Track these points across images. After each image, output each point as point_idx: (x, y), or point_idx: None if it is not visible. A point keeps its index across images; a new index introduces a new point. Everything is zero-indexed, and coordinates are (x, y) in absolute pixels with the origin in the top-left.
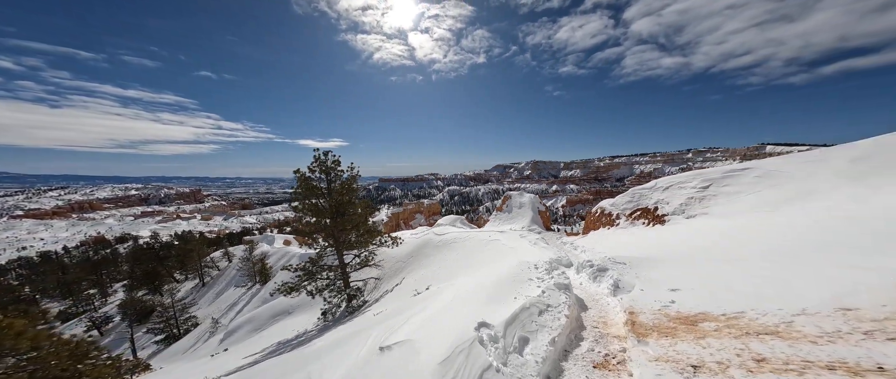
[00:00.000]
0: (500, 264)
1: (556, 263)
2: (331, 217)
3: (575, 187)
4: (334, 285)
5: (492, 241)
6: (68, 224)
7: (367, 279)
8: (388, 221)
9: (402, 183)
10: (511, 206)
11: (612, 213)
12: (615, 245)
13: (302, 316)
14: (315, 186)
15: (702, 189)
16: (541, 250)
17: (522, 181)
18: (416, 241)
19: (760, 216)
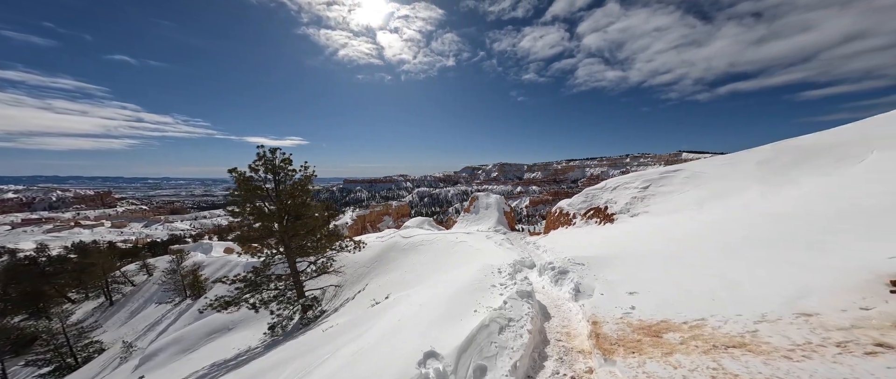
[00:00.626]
0: (464, 269)
1: (520, 265)
2: (279, 221)
3: (537, 189)
4: (284, 296)
5: (459, 243)
6: None
7: (327, 287)
8: (354, 224)
9: (370, 184)
10: (478, 207)
11: (569, 212)
12: (573, 244)
13: (246, 331)
14: (257, 187)
15: (643, 189)
16: (505, 251)
17: (490, 182)
18: (381, 244)
19: (691, 214)
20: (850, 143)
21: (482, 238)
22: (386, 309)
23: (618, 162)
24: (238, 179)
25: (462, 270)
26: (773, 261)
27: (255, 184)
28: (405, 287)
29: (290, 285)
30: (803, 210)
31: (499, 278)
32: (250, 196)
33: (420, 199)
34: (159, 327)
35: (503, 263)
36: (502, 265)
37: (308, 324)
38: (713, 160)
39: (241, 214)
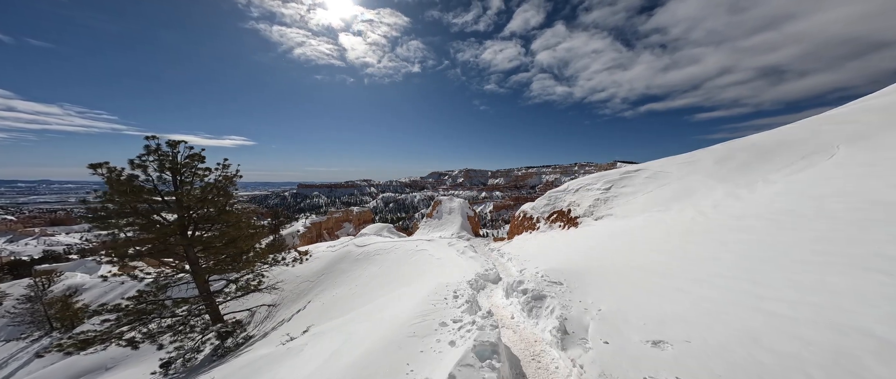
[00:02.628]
0: (416, 286)
1: (483, 280)
2: (181, 233)
3: (500, 194)
4: (187, 324)
5: (418, 251)
6: None
7: (256, 307)
8: (306, 232)
9: (329, 189)
10: (441, 212)
11: (533, 216)
12: (540, 252)
13: (131, 369)
14: (142, 189)
15: (605, 190)
16: (467, 261)
17: (456, 188)
18: (332, 255)
19: (659, 215)
20: (802, 140)
21: (444, 245)
22: (290, 355)
23: (568, 169)
24: (110, 180)
25: (413, 289)
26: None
27: (137, 185)
28: (346, 308)
29: (197, 310)
30: (812, 209)
31: (453, 309)
32: (130, 201)
33: (385, 204)
34: (4, 371)
35: (462, 282)
36: (461, 285)
37: (225, 354)
38: (674, 159)
39: (113, 226)
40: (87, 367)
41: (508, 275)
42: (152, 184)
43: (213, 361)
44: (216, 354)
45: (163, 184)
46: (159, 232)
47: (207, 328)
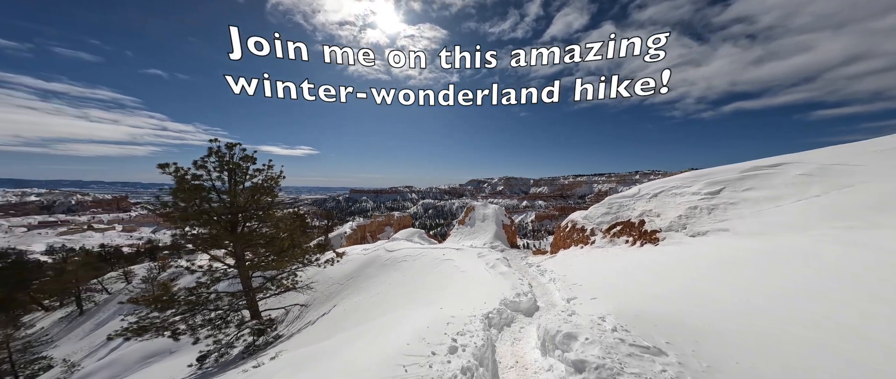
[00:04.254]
0: (416, 316)
1: (511, 309)
2: (232, 229)
3: (543, 203)
4: (224, 319)
5: (444, 260)
6: None
7: (290, 306)
8: (353, 234)
9: (375, 194)
10: (474, 219)
11: (586, 227)
12: (594, 273)
13: (187, 356)
14: (199, 186)
15: (711, 195)
16: (496, 278)
17: (495, 196)
18: (362, 258)
19: (843, 236)
20: None
21: (472, 256)
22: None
23: (626, 178)
24: (177, 179)
25: (414, 317)
26: None
27: (195, 183)
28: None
29: (237, 305)
30: None
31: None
32: (191, 197)
33: (425, 210)
34: (112, 343)
35: (475, 315)
36: (471, 321)
37: (255, 352)
38: (862, 145)
39: (181, 220)
40: (156, 350)
41: (550, 304)
42: (211, 183)
43: (243, 358)
44: (247, 351)
45: (220, 182)
46: (215, 227)
47: (242, 324)
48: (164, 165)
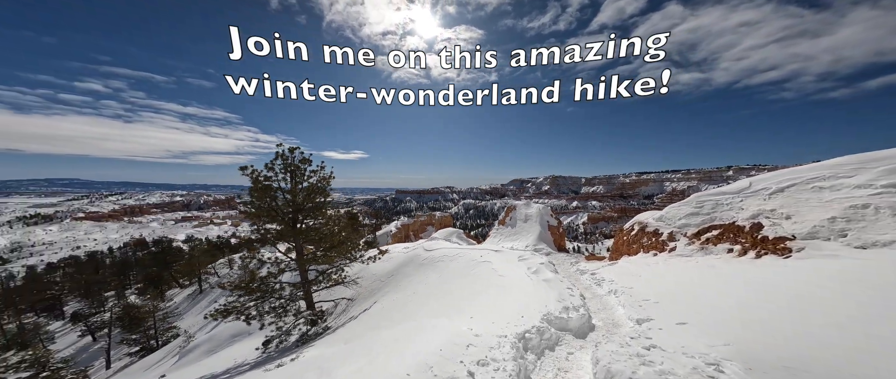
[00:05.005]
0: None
1: (556, 328)
2: (293, 224)
3: (598, 204)
4: (285, 308)
5: (481, 263)
6: (119, 226)
7: (339, 300)
8: (397, 232)
9: (418, 195)
10: (515, 219)
11: (661, 231)
12: (680, 291)
13: (256, 340)
14: (268, 186)
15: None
16: (538, 286)
17: (540, 196)
18: (403, 256)
19: None
20: None
21: (513, 259)
22: None
23: (714, 175)
24: (252, 178)
25: (429, 335)
26: None
27: (265, 184)
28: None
29: (295, 296)
30: None
31: None
32: (263, 195)
33: (466, 210)
34: (214, 322)
35: (505, 338)
36: (499, 347)
37: (307, 342)
38: None
39: (256, 216)
40: (241, 330)
41: (611, 324)
42: (277, 183)
43: (297, 345)
44: (301, 339)
45: (285, 183)
46: (281, 222)
47: (299, 314)
48: (243, 168)
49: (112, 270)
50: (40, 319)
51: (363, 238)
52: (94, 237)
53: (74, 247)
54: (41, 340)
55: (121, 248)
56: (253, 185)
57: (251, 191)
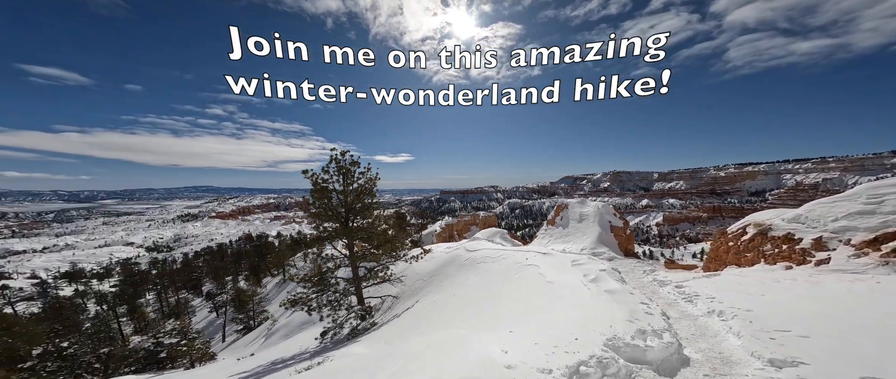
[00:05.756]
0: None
1: (628, 358)
2: (346, 223)
3: (677, 202)
4: (339, 302)
5: (526, 266)
6: (236, 223)
7: (385, 297)
8: (441, 232)
9: (462, 195)
10: (567, 218)
11: (798, 235)
12: (851, 330)
13: (317, 330)
14: (325, 188)
15: None
16: (598, 298)
17: (598, 194)
18: (444, 256)
19: None
20: None
21: (565, 264)
22: None
23: (867, 163)
24: (312, 181)
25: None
26: None
27: (325, 185)
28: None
29: (347, 291)
30: None
31: None
32: (321, 196)
33: (511, 210)
34: (287, 309)
35: (552, 366)
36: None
37: (356, 335)
38: None
39: (316, 216)
40: (309, 319)
41: (719, 360)
42: (332, 185)
43: (349, 338)
44: (352, 333)
45: (338, 185)
46: (335, 221)
47: (350, 308)
48: (304, 172)
49: (231, 259)
50: (188, 295)
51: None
52: (222, 232)
53: (210, 239)
54: (187, 313)
55: (237, 241)
56: (313, 187)
57: (311, 192)
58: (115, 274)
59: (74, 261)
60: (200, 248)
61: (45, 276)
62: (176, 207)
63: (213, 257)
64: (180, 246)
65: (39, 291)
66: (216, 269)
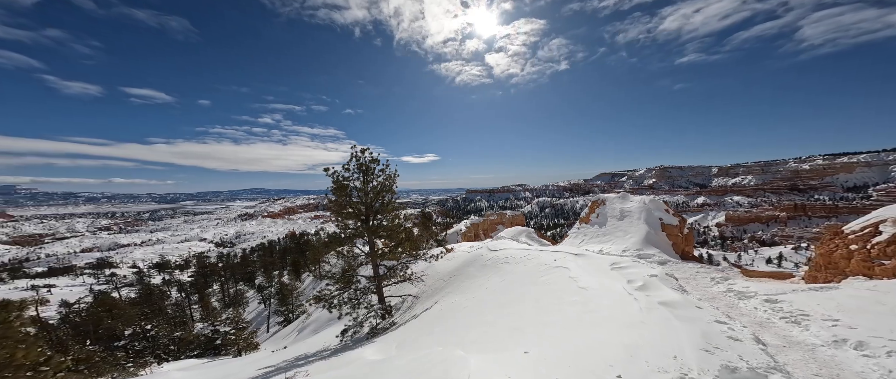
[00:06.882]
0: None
1: None
2: (366, 221)
3: (744, 200)
4: (360, 300)
5: (555, 269)
6: (283, 222)
7: (405, 296)
8: (467, 231)
9: (488, 194)
10: (604, 215)
11: None
12: None
13: (339, 327)
14: (346, 185)
15: None
16: (648, 311)
17: (641, 191)
18: (466, 256)
19: None
20: None
21: (602, 266)
22: None
23: None
24: (333, 178)
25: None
26: None
27: (343, 182)
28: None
29: (368, 289)
30: None
31: None
32: (341, 194)
33: (540, 209)
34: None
35: None
36: None
37: (375, 335)
38: None
39: (337, 212)
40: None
41: None
42: (353, 183)
43: (368, 337)
44: (371, 331)
45: (359, 182)
46: (356, 219)
47: (370, 307)
48: (326, 169)
49: (278, 255)
50: (244, 286)
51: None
52: (272, 230)
53: (263, 236)
54: (242, 303)
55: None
56: (334, 184)
57: (333, 190)
58: (192, 265)
59: (163, 253)
60: (255, 244)
61: (141, 265)
62: (237, 207)
63: (265, 253)
64: (240, 242)
65: (137, 278)
66: (266, 264)
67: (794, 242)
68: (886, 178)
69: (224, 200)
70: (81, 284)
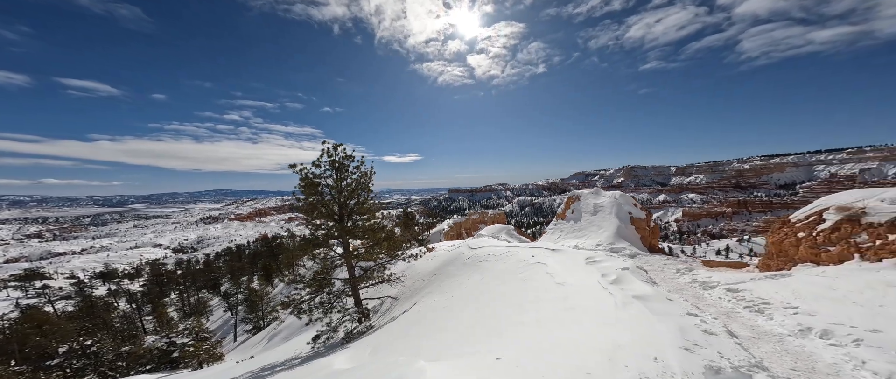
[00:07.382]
0: None
1: None
2: (340, 221)
3: (697, 197)
4: (333, 304)
5: (533, 265)
6: (253, 225)
7: (384, 298)
8: (449, 231)
9: (471, 194)
10: (579, 211)
11: None
12: None
13: (311, 334)
14: (316, 183)
15: None
16: (623, 306)
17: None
18: (447, 255)
19: None
20: None
21: (577, 261)
22: None
23: None
24: (301, 175)
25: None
26: None
27: (316, 180)
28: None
29: (342, 292)
30: None
31: None
32: (311, 192)
33: (521, 208)
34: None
35: None
36: None
37: (350, 340)
38: None
39: (306, 212)
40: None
41: None
42: (325, 180)
43: (343, 342)
44: (347, 336)
45: (331, 180)
46: (329, 218)
47: (345, 311)
48: (292, 166)
49: (248, 259)
50: (208, 294)
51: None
52: (241, 233)
53: (230, 240)
54: (205, 312)
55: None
56: (302, 182)
57: (302, 188)
58: (144, 274)
59: (108, 262)
60: (221, 249)
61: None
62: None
63: (232, 258)
64: (203, 247)
65: (76, 290)
66: (234, 269)
67: (739, 235)
68: (810, 176)
69: (183, 201)
70: (6, 299)
